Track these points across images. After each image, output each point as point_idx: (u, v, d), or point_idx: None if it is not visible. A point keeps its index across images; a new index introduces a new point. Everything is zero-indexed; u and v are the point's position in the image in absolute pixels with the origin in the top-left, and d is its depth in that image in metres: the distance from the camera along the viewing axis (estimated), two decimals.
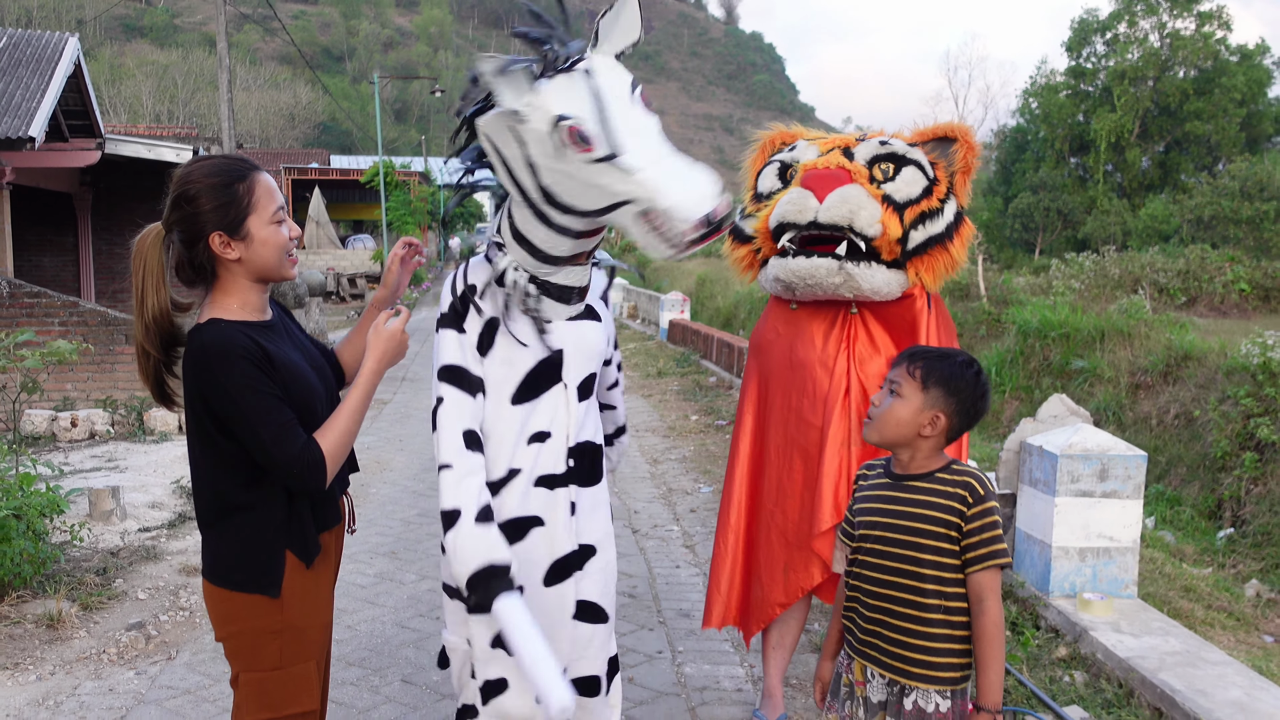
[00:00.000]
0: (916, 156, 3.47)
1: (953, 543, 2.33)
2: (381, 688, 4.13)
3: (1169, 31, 42.73)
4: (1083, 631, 4.19)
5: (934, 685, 2.35)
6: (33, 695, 4.06)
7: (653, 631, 4.72)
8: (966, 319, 16.79)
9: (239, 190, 2.25)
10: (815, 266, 3.32)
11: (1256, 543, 9.27)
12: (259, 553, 2.25)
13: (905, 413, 2.38)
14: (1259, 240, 29.71)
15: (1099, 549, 4.55)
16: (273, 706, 2.29)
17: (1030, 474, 4.78)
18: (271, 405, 2.18)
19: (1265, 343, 10.76)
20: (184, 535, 6.27)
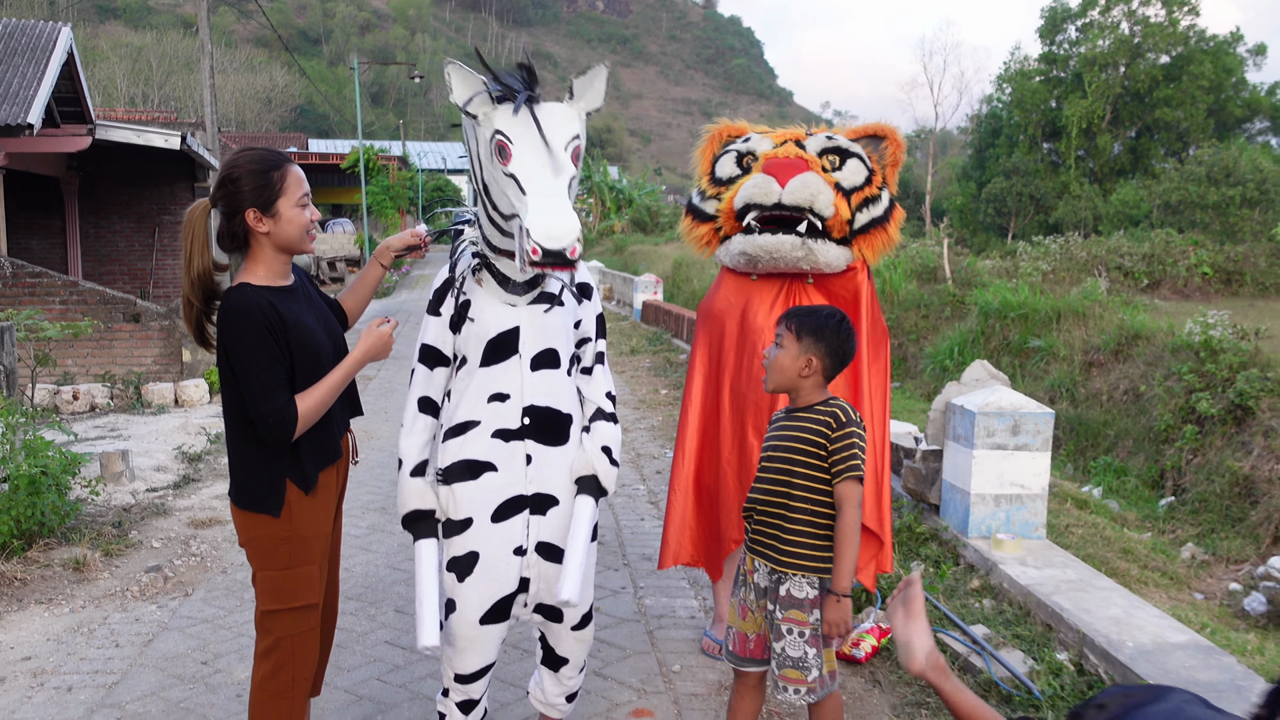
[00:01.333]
0: (857, 150, 4.07)
1: (821, 459, 2.91)
2: (377, 616, 4.68)
3: (1139, 18, 43.14)
4: (993, 566, 4.78)
5: (802, 574, 2.94)
6: (68, 624, 4.59)
7: (617, 571, 5.29)
8: (932, 300, 17.24)
9: (274, 177, 2.76)
10: (780, 242, 3.88)
11: (1194, 509, 9.84)
12: (263, 482, 2.78)
13: (786, 360, 2.98)
14: (1225, 225, 30.18)
15: (1012, 495, 5.13)
16: (282, 599, 2.82)
17: (954, 430, 5.36)
18: (268, 365, 2.69)
19: (1207, 322, 11.33)
20: (189, 494, 6.79)
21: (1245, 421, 10.06)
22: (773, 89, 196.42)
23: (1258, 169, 31.58)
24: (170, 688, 3.97)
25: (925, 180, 53.42)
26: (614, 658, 4.25)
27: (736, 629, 3.14)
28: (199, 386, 9.98)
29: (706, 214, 4.17)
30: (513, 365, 2.98)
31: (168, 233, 17.36)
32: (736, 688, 3.19)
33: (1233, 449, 9.98)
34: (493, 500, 2.97)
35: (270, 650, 2.84)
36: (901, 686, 3.98)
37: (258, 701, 2.86)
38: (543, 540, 3.02)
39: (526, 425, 2.98)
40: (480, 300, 2.99)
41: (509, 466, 2.98)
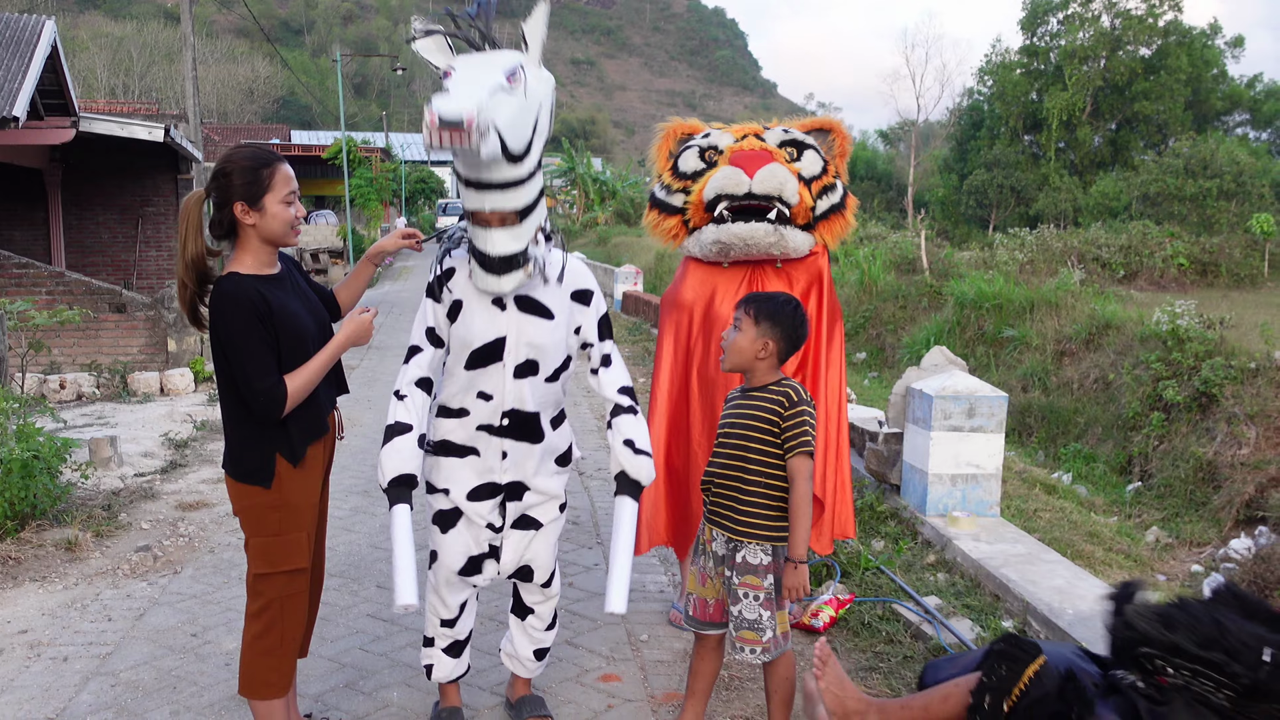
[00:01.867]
0: (812, 142, 4.30)
1: (774, 435, 3.13)
2: (359, 591, 4.88)
3: (1119, 11, 43.40)
4: (948, 541, 5.01)
5: (756, 542, 3.16)
6: (62, 600, 4.78)
7: (591, 550, 5.51)
8: (910, 291, 17.48)
9: (263, 174, 2.96)
10: (754, 230, 4.10)
11: (1160, 494, 10.09)
12: (256, 455, 2.99)
13: (744, 342, 3.19)
14: (1202, 217, 30.45)
15: (968, 475, 5.36)
16: (273, 563, 3.03)
17: (913, 413, 5.58)
18: (257, 348, 2.90)
19: (1174, 311, 11.58)
20: (176, 479, 6.98)
21: (1210, 408, 10.31)
22: (757, 80, 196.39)
23: (1234, 161, 31.86)
24: (162, 658, 4.17)
25: (908, 172, 53.67)
26: (585, 628, 4.46)
27: (696, 595, 3.36)
28: (184, 375, 10.15)
29: (674, 207, 4.37)
30: (496, 370, 3.19)
31: (151, 224, 17.45)
32: (697, 650, 3.41)
33: (1197, 435, 10.23)
34: (470, 481, 3.26)
35: (261, 611, 3.06)
36: (856, 653, 4.21)
37: (248, 659, 3.07)
38: (518, 516, 3.34)
39: (505, 425, 3.23)
40: (471, 301, 3.17)
41: (488, 455, 3.25)
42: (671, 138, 4.53)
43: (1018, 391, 13.00)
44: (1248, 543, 8.66)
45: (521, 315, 3.17)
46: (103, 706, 3.74)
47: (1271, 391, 10.04)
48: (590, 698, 3.82)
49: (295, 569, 3.07)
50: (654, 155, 4.56)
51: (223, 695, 3.82)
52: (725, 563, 3.24)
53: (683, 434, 4.44)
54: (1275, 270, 24.05)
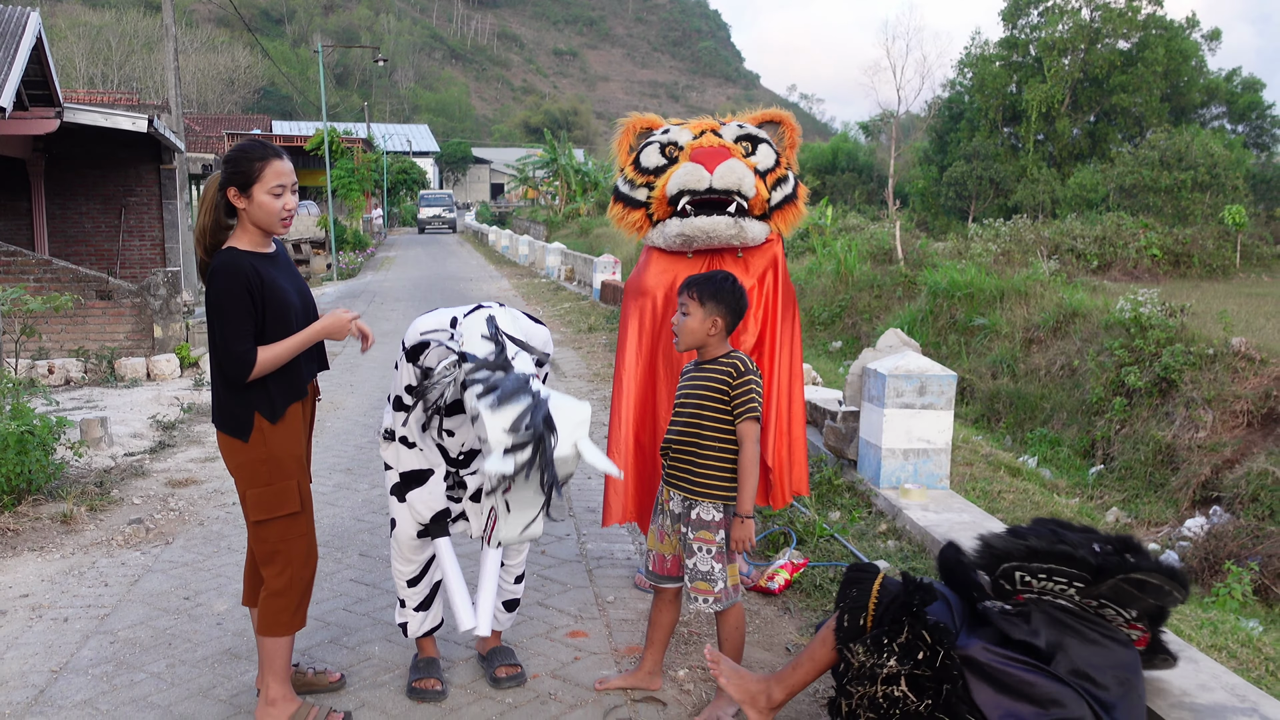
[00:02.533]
0: (765, 136, 4.59)
1: (726, 403, 3.43)
2: (343, 560, 5.16)
3: (1098, 4, 43.67)
4: (899, 511, 5.31)
5: (710, 500, 3.46)
6: (60, 568, 5.03)
7: (563, 521, 5.78)
8: (885, 281, 17.76)
9: (255, 165, 3.28)
10: (715, 223, 4.39)
11: (1121, 477, 10.43)
12: (237, 411, 3.30)
13: (694, 324, 3.49)
14: (1177, 208, 30.80)
15: (919, 450, 5.66)
16: (269, 509, 3.34)
17: (868, 392, 5.88)
18: (238, 315, 3.21)
19: (1137, 300, 11.91)
20: (165, 458, 7.23)
21: (1169, 394, 10.64)
22: (740, 72, 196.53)
23: (1209, 154, 32.19)
24: (157, 618, 4.43)
25: (888, 164, 53.94)
26: (555, 591, 4.75)
27: (655, 551, 3.65)
28: (170, 361, 10.37)
29: (638, 201, 4.64)
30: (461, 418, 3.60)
31: (134, 214, 17.60)
32: (656, 602, 3.69)
33: (1157, 420, 10.57)
34: (437, 490, 3.69)
35: (270, 557, 3.39)
36: (807, 612, 4.51)
37: (264, 601, 3.40)
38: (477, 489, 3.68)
39: (462, 458, 3.67)
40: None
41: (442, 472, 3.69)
42: (631, 132, 4.79)
43: (987, 378, 13.33)
44: (1202, 521, 9.01)
45: None
46: (103, 660, 4.01)
47: (1228, 377, 10.36)
48: (559, 651, 4.10)
49: (289, 513, 3.37)
50: (615, 149, 4.82)
51: (215, 651, 4.10)
52: (681, 520, 3.53)
53: (649, 413, 4.70)
54: (1247, 261, 24.39)
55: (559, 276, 24.36)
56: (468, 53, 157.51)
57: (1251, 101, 44.66)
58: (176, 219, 17.97)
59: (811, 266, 19.82)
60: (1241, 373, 10.41)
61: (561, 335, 14.55)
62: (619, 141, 4.81)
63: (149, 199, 17.67)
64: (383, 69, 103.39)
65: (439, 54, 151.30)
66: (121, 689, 3.77)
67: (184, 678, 3.87)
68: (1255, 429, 10.01)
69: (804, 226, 25.58)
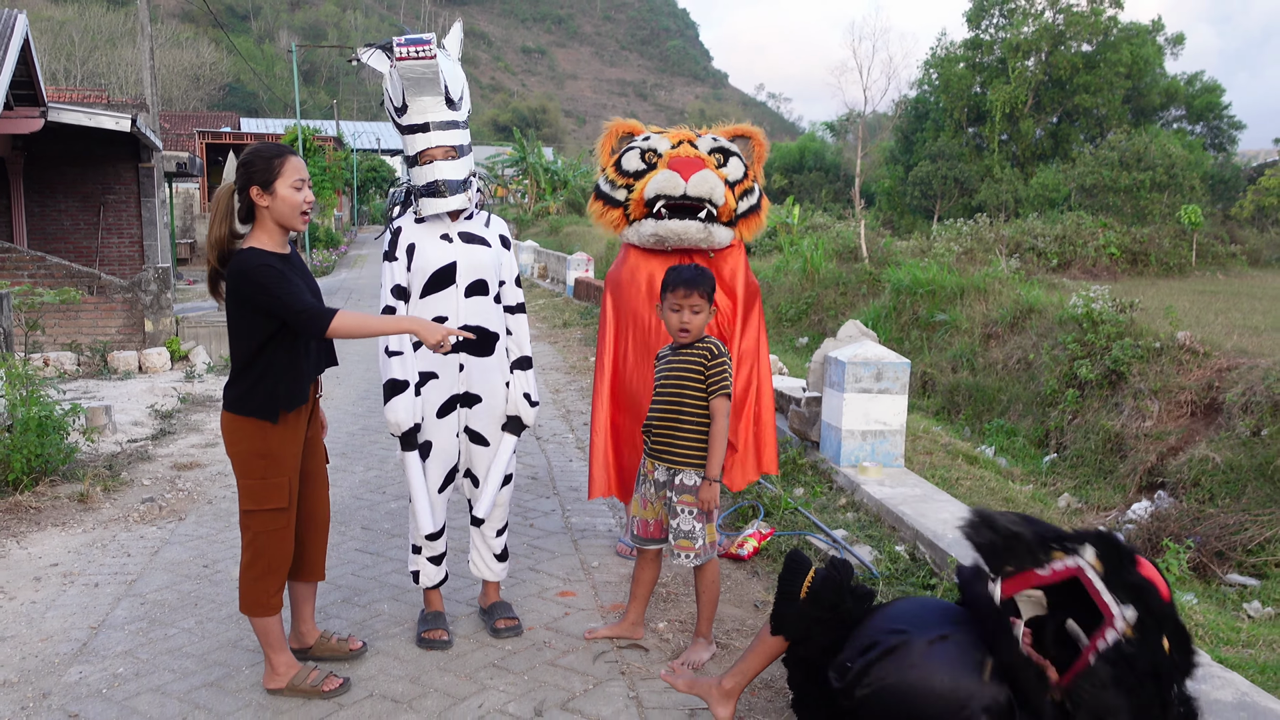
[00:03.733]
0: (736, 150, 5.08)
1: (702, 383, 3.90)
2: (346, 532, 5.59)
3: (1062, 7, 44.28)
4: (857, 486, 5.80)
5: (691, 468, 3.94)
6: (83, 541, 5.44)
7: (549, 499, 6.25)
8: (850, 279, 18.23)
9: (275, 162, 3.60)
10: (687, 226, 4.86)
11: (1073, 465, 10.93)
12: (263, 393, 3.59)
13: (703, 319, 3.97)
14: (1136, 208, 31.35)
15: (876, 431, 6.15)
16: (258, 502, 3.65)
17: (829, 378, 6.36)
18: (290, 284, 3.51)
19: (1089, 296, 12.44)
20: (168, 444, 7.62)
21: (1118, 385, 11.16)
22: (708, 71, 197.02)
23: (1167, 154, 32.71)
24: (180, 583, 4.85)
25: (855, 163, 54.50)
26: (544, 559, 5.21)
27: (639, 517, 4.11)
28: (161, 354, 10.74)
29: (617, 200, 5.10)
30: (450, 294, 4.04)
31: (112, 212, 17.81)
32: (639, 562, 4.16)
33: (1107, 410, 11.08)
34: (437, 401, 4.08)
35: (250, 544, 3.71)
36: (773, 575, 4.97)
37: (244, 583, 3.72)
38: (470, 427, 4.18)
39: (461, 341, 3.95)
40: (423, 240, 4.03)
41: (446, 373, 4.08)
42: (614, 135, 5.25)
43: (948, 372, 13.84)
44: (1148, 505, 9.51)
45: (466, 245, 4.07)
46: (136, 619, 4.42)
47: (1173, 369, 10.88)
48: (550, 608, 4.56)
49: (276, 508, 3.67)
50: (599, 150, 5.28)
51: (236, 611, 4.51)
52: (666, 486, 4.00)
53: (627, 395, 5.16)
54: (1202, 259, 24.91)
55: (533, 274, 24.78)
56: None
57: (1210, 103, 45.48)
58: (155, 216, 18.20)
59: (779, 264, 20.29)
60: (1186, 365, 10.89)
61: (537, 330, 15.01)
62: (602, 143, 5.26)
63: (127, 197, 17.88)
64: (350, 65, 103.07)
65: None
66: (157, 641, 4.19)
67: (212, 632, 4.30)
68: (1198, 418, 10.48)
69: (771, 225, 26.13)
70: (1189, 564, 7.89)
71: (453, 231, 4.07)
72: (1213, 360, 10.76)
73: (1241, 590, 7.57)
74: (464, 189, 4.00)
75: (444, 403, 4.09)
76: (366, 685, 3.82)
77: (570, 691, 3.77)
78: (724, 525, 5.67)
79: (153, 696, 3.72)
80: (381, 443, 7.77)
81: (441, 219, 4.07)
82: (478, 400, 4.15)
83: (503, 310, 4.24)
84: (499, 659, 4.04)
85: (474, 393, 4.15)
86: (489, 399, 4.17)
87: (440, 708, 3.64)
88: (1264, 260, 25.92)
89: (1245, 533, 8.28)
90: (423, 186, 3.98)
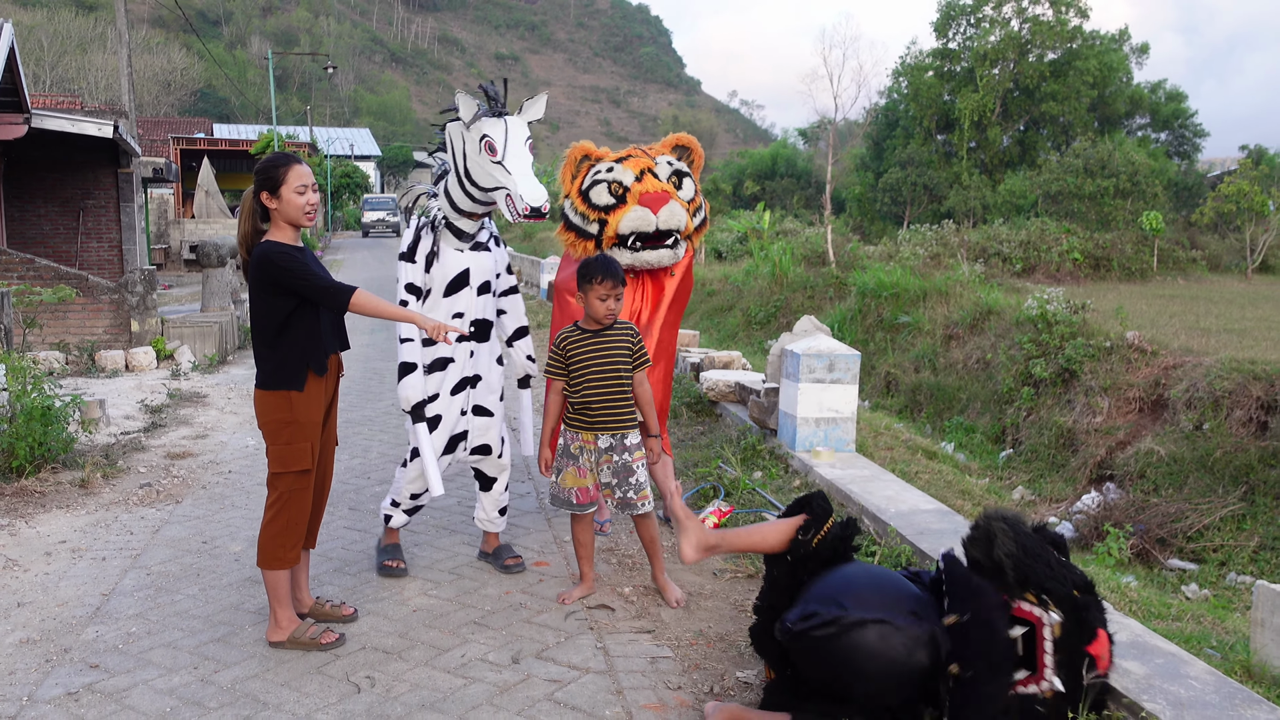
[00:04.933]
0: (688, 170, 5.53)
1: (629, 358, 4.50)
2: (336, 513, 5.99)
3: (1029, 16, 44.85)
4: (811, 469, 6.24)
5: (632, 429, 4.53)
6: (89, 521, 5.81)
7: (524, 484, 6.68)
8: (817, 282, 18.66)
9: (280, 170, 4.09)
10: (661, 255, 5.42)
11: (1028, 459, 11.39)
12: (289, 366, 4.07)
13: (625, 302, 4.44)
14: (1100, 214, 31.89)
15: (829, 419, 6.59)
16: (285, 464, 4.12)
17: (786, 369, 6.80)
18: (308, 268, 4.03)
19: (1044, 298, 12.92)
20: (160, 436, 7.99)
21: (1071, 383, 11.63)
22: (681, 78, 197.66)
23: (1130, 162, 33.22)
24: (182, 557, 5.24)
25: (825, 170, 54.99)
26: (520, 534, 5.65)
27: (577, 486, 4.64)
28: (147, 353, 11.07)
29: (590, 234, 5.48)
30: (466, 293, 4.79)
31: (91, 216, 18.04)
32: (580, 526, 4.72)
33: (1060, 407, 11.55)
34: (453, 380, 4.79)
35: (275, 502, 4.16)
36: None
37: (265, 538, 4.16)
38: (476, 404, 4.91)
39: (473, 332, 4.79)
40: (443, 251, 4.75)
41: (460, 358, 4.79)
42: (573, 161, 5.65)
43: (910, 372, 14.29)
44: (1097, 496, 9.97)
45: (474, 253, 4.87)
46: (144, 587, 4.81)
47: (1123, 367, 11.36)
48: (527, 575, 5.03)
49: (301, 470, 4.15)
50: (561, 177, 5.66)
51: (238, 579, 4.92)
52: (612, 451, 4.55)
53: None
54: (1164, 265, 25.43)
55: None
56: (408, 56, 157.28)
57: (1176, 110, 46.22)
58: (134, 221, 18.46)
59: (749, 269, 20.74)
60: (1135, 363, 11.36)
61: None
62: (563, 170, 5.65)
63: (106, 202, 18.14)
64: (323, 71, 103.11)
65: (379, 57, 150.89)
66: (165, 606, 4.58)
67: (215, 598, 4.69)
68: (1145, 414, 10.95)
69: (743, 231, 26.59)
70: (1132, 549, 8.36)
71: (465, 244, 4.84)
72: (1160, 359, 11.23)
73: (1181, 574, 8.05)
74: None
75: (456, 383, 4.83)
76: (359, 640, 4.23)
77: (544, 643, 4.20)
78: (687, 504, 6.09)
79: (165, 650, 4.11)
80: (365, 434, 8.16)
81: None
82: (480, 380, 4.94)
83: (498, 296, 5.03)
84: (479, 618, 4.45)
85: (478, 374, 4.93)
86: (487, 376, 4.97)
87: (427, 657, 4.05)
88: (1223, 266, 26.48)
89: (1185, 521, 8.75)
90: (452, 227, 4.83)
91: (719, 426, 8.14)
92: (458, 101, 4.60)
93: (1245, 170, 28.28)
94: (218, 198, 36.32)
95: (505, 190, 4.49)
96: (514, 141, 4.54)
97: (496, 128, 4.54)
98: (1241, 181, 26.16)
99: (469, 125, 4.58)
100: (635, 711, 3.63)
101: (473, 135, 4.57)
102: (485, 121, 4.57)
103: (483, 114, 4.60)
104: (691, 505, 6.14)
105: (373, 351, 13.00)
